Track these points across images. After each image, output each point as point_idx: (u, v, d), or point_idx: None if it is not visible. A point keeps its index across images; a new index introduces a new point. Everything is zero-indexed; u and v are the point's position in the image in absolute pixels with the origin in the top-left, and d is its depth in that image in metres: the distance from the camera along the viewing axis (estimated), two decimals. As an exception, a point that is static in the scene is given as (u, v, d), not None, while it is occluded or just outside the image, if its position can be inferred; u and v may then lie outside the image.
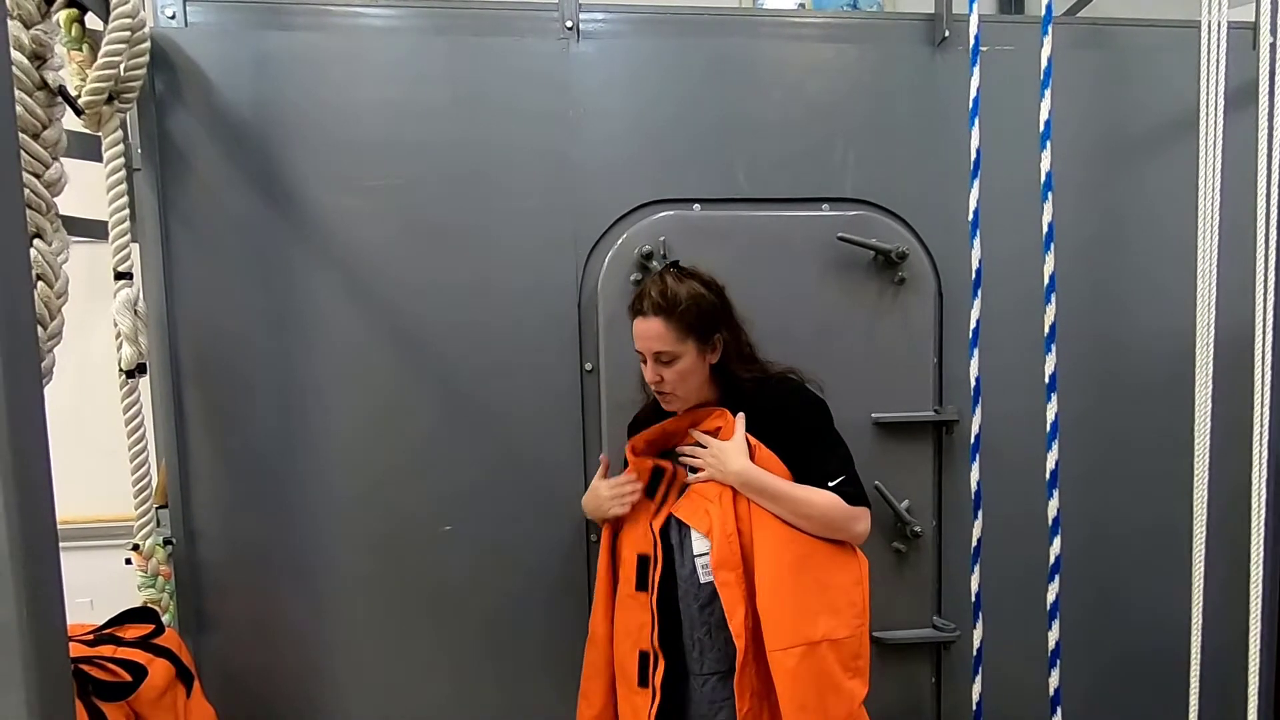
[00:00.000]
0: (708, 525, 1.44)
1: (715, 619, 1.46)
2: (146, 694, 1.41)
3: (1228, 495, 1.71)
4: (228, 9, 1.72)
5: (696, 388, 1.52)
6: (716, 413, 1.52)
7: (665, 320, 1.45)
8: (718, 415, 1.52)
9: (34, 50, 1.32)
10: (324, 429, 1.77)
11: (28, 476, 0.81)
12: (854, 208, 1.87)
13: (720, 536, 1.42)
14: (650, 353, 1.48)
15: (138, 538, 1.62)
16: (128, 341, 1.58)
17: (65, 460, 1.02)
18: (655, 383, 1.50)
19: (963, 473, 1.84)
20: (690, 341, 1.47)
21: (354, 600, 1.80)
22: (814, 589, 1.42)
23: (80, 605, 2.10)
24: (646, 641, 1.48)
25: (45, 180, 1.34)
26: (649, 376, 1.51)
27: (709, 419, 1.53)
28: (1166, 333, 1.88)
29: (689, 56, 1.83)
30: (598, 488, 1.63)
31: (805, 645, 1.38)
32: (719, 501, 1.45)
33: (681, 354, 1.47)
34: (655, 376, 1.49)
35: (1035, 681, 1.82)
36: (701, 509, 1.47)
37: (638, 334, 1.49)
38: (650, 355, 1.48)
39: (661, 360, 1.48)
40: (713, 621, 1.47)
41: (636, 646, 1.50)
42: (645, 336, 1.47)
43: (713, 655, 1.49)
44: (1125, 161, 1.94)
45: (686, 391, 1.51)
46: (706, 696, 1.50)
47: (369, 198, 1.75)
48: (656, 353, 1.47)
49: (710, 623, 1.47)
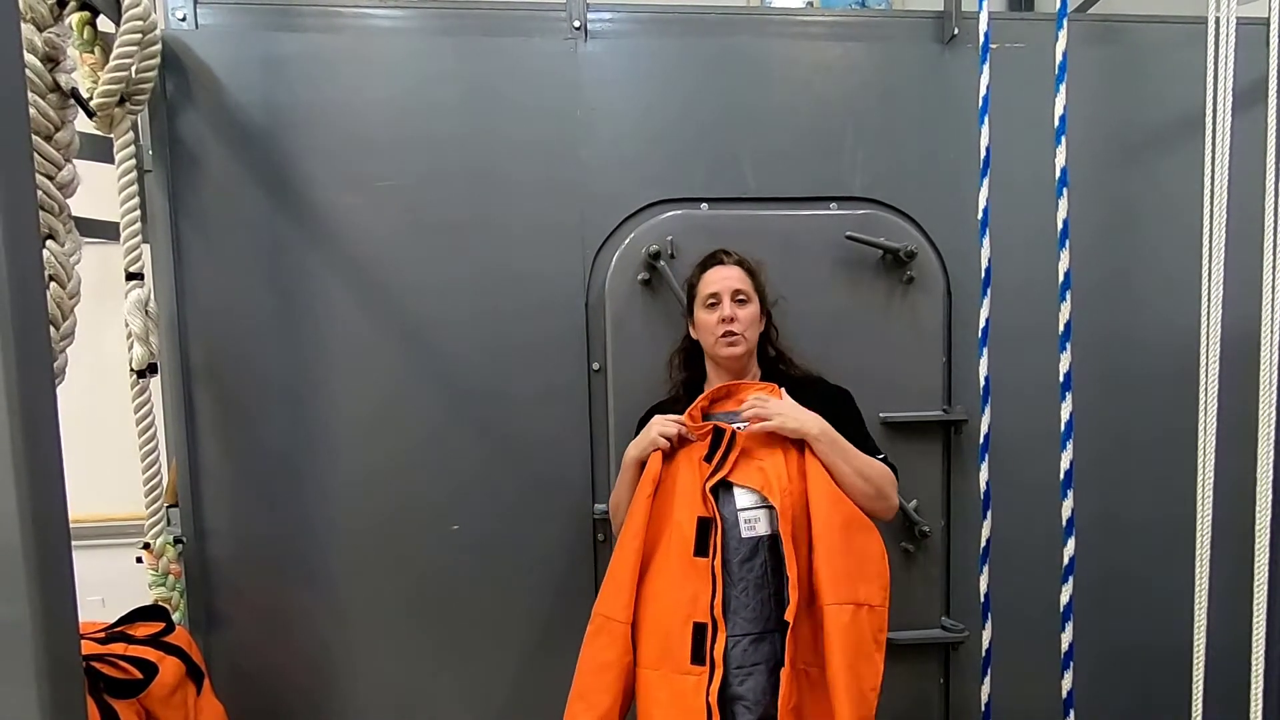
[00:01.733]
0: (762, 481, 1.44)
1: (754, 575, 1.45)
2: (157, 691, 1.42)
3: (1237, 491, 1.69)
4: (238, 11, 1.73)
5: (753, 346, 1.61)
6: (769, 386, 1.57)
7: (742, 270, 1.61)
8: (769, 388, 1.56)
9: (47, 53, 1.33)
10: (333, 428, 1.78)
11: (40, 476, 0.82)
12: (862, 206, 1.86)
13: (778, 489, 1.42)
14: (729, 291, 1.57)
15: (148, 536, 1.63)
16: (139, 341, 1.59)
17: (77, 459, 1.02)
18: (728, 321, 1.56)
19: (972, 473, 1.83)
20: (757, 296, 1.61)
21: (362, 598, 1.81)
22: (857, 553, 1.43)
23: (92, 603, 2.14)
24: (703, 611, 1.42)
25: (58, 182, 1.35)
26: (723, 313, 1.56)
27: (759, 387, 1.57)
28: (1176, 329, 1.87)
29: (696, 55, 1.83)
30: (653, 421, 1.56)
31: (854, 604, 1.39)
32: (770, 460, 1.46)
33: (752, 299, 1.60)
34: (731, 315, 1.56)
35: (1044, 682, 1.81)
36: (754, 467, 1.47)
37: (716, 279, 1.59)
38: (729, 294, 1.57)
39: (738, 299, 1.57)
40: (750, 578, 1.45)
41: (690, 618, 1.43)
42: (726, 278, 1.59)
43: (746, 615, 1.45)
44: (1135, 158, 1.93)
45: (751, 339, 1.60)
46: (736, 660, 1.44)
47: (378, 198, 1.76)
48: (735, 290, 1.58)
49: (749, 579, 1.45)
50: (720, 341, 1.57)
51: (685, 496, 1.49)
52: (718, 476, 1.47)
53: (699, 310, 1.61)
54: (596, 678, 1.47)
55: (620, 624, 1.47)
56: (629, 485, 1.57)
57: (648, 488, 1.51)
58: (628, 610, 1.47)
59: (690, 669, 1.41)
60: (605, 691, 1.46)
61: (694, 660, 1.41)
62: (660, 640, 1.45)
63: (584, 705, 1.47)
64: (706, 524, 1.45)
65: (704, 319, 1.59)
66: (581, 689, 1.49)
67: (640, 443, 1.55)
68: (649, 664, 1.45)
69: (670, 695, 1.42)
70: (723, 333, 1.56)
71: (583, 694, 1.48)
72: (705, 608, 1.42)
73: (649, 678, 1.45)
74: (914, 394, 1.87)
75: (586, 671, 1.49)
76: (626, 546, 1.50)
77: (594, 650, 1.49)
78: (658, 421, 1.53)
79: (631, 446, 1.58)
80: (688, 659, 1.42)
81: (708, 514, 1.45)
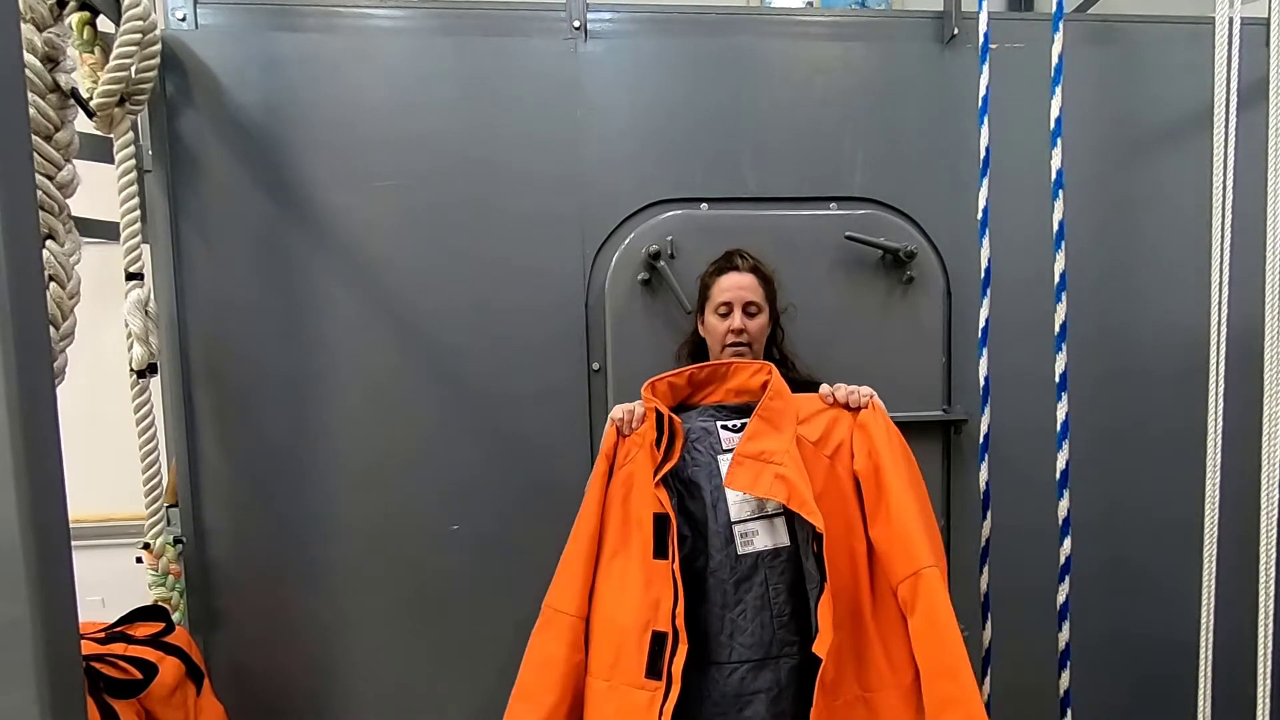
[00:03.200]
0: (786, 492, 1.26)
1: (753, 597, 1.30)
2: (157, 691, 1.42)
3: (1241, 490, 1.69)
4: (238, 11, 1.73)
5: (759, 355, 1.59)
6: (765, 366, 1.44)
7: (756, 278, 1.58)
8: (764, 369, 1.43)
9: (46, 53, 1.33)
10: (333, 428, 1.78)
11: (40, 475, 0.82)
12: (862, 206, 1.86)
13: (812, 502, 1.25)
14: (741, 302, 1.55)
15: (148, 536, 1.63)
16: (139, 342, 1.59)
17: (77, 459, 1.02)
18: (738, 332, 1.54)
19: (971, 473, 1.83)
20: (768, 306, 1.59)
21: (362, 598, 1.81)
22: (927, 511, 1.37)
23: (92, 603, 2.14)
24: (665, 620, 1.27)
25: (58, 182, 1.35)
26: (734, 325, 1.54)
27: (754, 370, 1.44)
28: (1176, 328, 1.87)
29: (696, 56, 1.83)
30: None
31: (936, 566, 1.28)
32: (790, 461, 1.29)
33: (764, 310, 1.58)
34: (741, 325, 1.54)
35: (1044, 682, 1.81)
36: (769, 475, 1.29)
37: (729, 286, 1.57)
38: (740, 305, 1.55)
39: (749, 312, 1.56)
40: (749, 600, 1.31)
41: (650, 626, 1.28)
42: (740, 286, 1.56)
43: (746, 640, 1.30)
44: (1134, 158, 1.93)
45: (757, 350, 1.58)
46: (733, 689, 1.30)
47: (378, 198, 1.76)
48: (748, 302, 1.56)
49: (747, 601, 1.31)
50: (728, 350, 1.56)
51: (643, 489, 1.35)
52: (666, 467, 1.33)
53: (709, 313, 1.60)
54: (541, 674, 1.34)
55: (571, 617, 1.35)
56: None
57: (601, 464, 1.40)
58: (580, 604, 1.35)
59: (644, 683, 1.27)
60: (549, 690, 1.32)
61: (649, 674, 1.27)
62: (613, 647, 1.32)
63: (526, 706, 1.34)
64: (663, 521, 1.30)
65: (714, 324, 1.58)
66: (524, 687, 1.35)
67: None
68: (599, 673, 1.33)
69: (617, 710, 1.29)
70: (730, 341, 1.56)
71: (526, 693, 1.35)
72: (668, 616, 1.27)
73: (597, 688, 1.32)
74: (914, 393, 1.87)
75: (531, 667, 1.36)
76: (579, 534, 1.38)
77: (540, 644, 1.37)
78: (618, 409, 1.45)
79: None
80: (642, 671, 1.28)
81: (662, 510, 1.30)
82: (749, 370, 1.44)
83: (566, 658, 1.34)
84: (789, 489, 1.26)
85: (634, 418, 1.44)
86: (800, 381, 1.62)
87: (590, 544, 1.37)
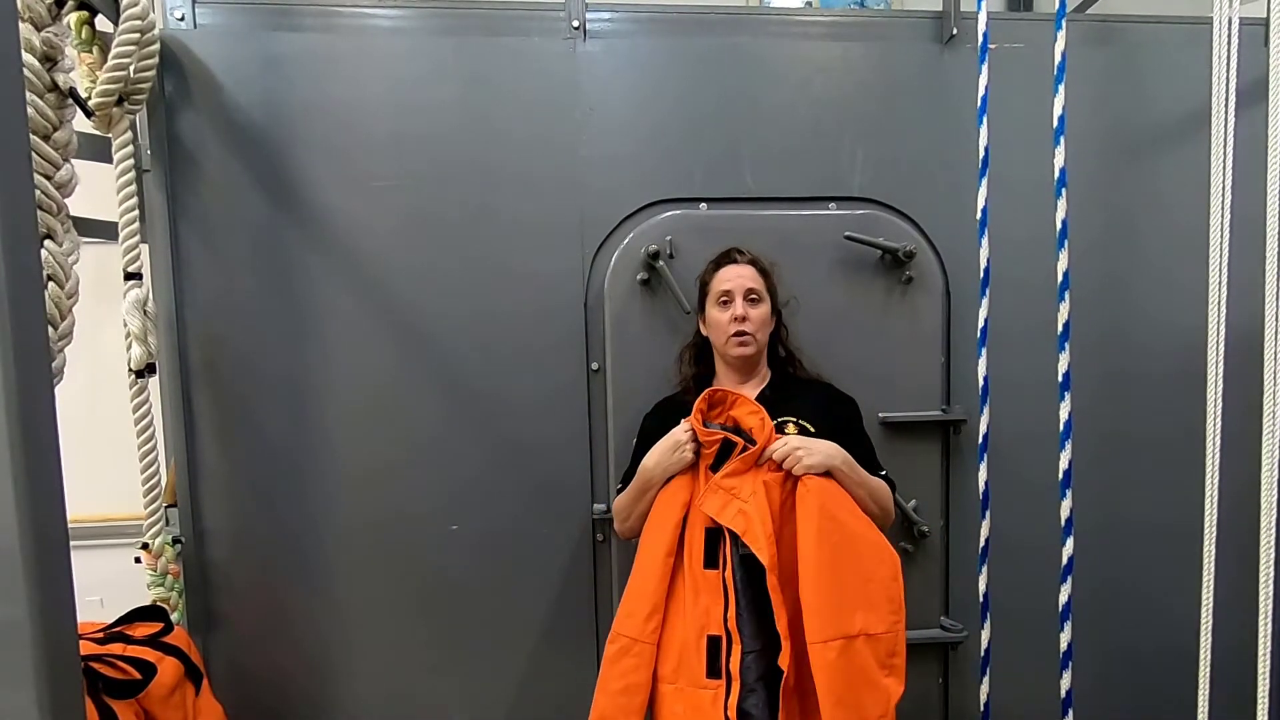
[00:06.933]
0: (744, 526, 1.40)
1: (751, 594, 1.42)
2: (156, 692, 1.42)
3: (1241, 492, 1.69)
4: (236, 11, 1.72)
5: (763, 347, 1.62)
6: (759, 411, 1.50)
7: (755, 269, 1.61)
8: (758, 413, 1.49)
9: (45, 52, 1.33)
10: (332, 428, 1.78)
11: (38, 476, 0.82)
12: (861, 206, 1.86)
13: (764, 538, 1.38)
14: (742, 290, 1.58)
15: (147, 536, 1.63)
16: (137, 341, 1.59)
17: (76, 460, 1.02)
18: (741, 319, 1.56)
19: (970, 472, 1.83)
20: (769, 298, 1.61)
21: (361, 598, 1.81)
22: (854, 582, 1.41)
23: (90, 603, 2.13)
24: (717, 624, 1.41)
25: (56, 181, 1.35)
26: (736, 312, 1.56)
27: (751, 410, 1.50)
28: (1175, 329, 1.87)
29: (695, 55, 1.83)
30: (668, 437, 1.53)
31: (844, 639, 1.37)
32: (754, 500, 1.41)
33: (765, 300, 1.60)
34: (743, 314, 1.57)
35: (1043, 682, 1.81)
36: (734, 508, 1.43)
37: (729, 276, 1.60)
38: (741, 293, 1.58)
39: (750, 299, 1.58)
40: (749, 595, 1.42)
41: (704, 631, 1.42)
42: (739, 276, 1.59)
43: (749, 631, 1.42)
44: (1134, 158, 1.93)
45: (762, 340, 1.61)
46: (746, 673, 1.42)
47: (377, 198, 1.76)
48: (748, 289, 1.58)
49: (747, 596, 1.42)
50: (731, 341, 1.57)
51: (693, 508, 1.48)
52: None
53: (711, 307, 1.61)
54: (625, 700, 1.44)
55: (647, 645, 1.45)
56: (639, 493, 1.55)
57: (677, 513, 1.48)
58: (655, 633, 1.45)
59: (706, 683, 1.41)
60: (635, 714, 1.44)
61: (709, 674, 1.41)
62: (676, 654, 1.44)
63: None
64: (715, 535, 1.44)
65: (716, 316, 1.59)
66: (607, 712, 1.45)
67: (665, 461, 1.51)
68: (666, 678, 1.45)
69: (687, 709, 1.42)
70: (734, 332, 1.56)
71: (608, 718, 1.45)
72: (719, 620, 1.41)
73: (666, 691, 1.45)
74: (913, 394, 1.87)
75: (613, 693, 1.45)
76: (652, 568, 1.47)
77: (620, 672, 1.45)
78: (680, 440, 1.49)
79: (651, 455, 1.53)
80: (703, 673, 1.41)
81: (715, 525, 1.43)
82: (748, 408, 1.51)
83: (646, 683, 1.45)
84: (746, 523, 1.40)
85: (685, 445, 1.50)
86: (806, 380, 1.63)
87: (664, 579, 1.47)
